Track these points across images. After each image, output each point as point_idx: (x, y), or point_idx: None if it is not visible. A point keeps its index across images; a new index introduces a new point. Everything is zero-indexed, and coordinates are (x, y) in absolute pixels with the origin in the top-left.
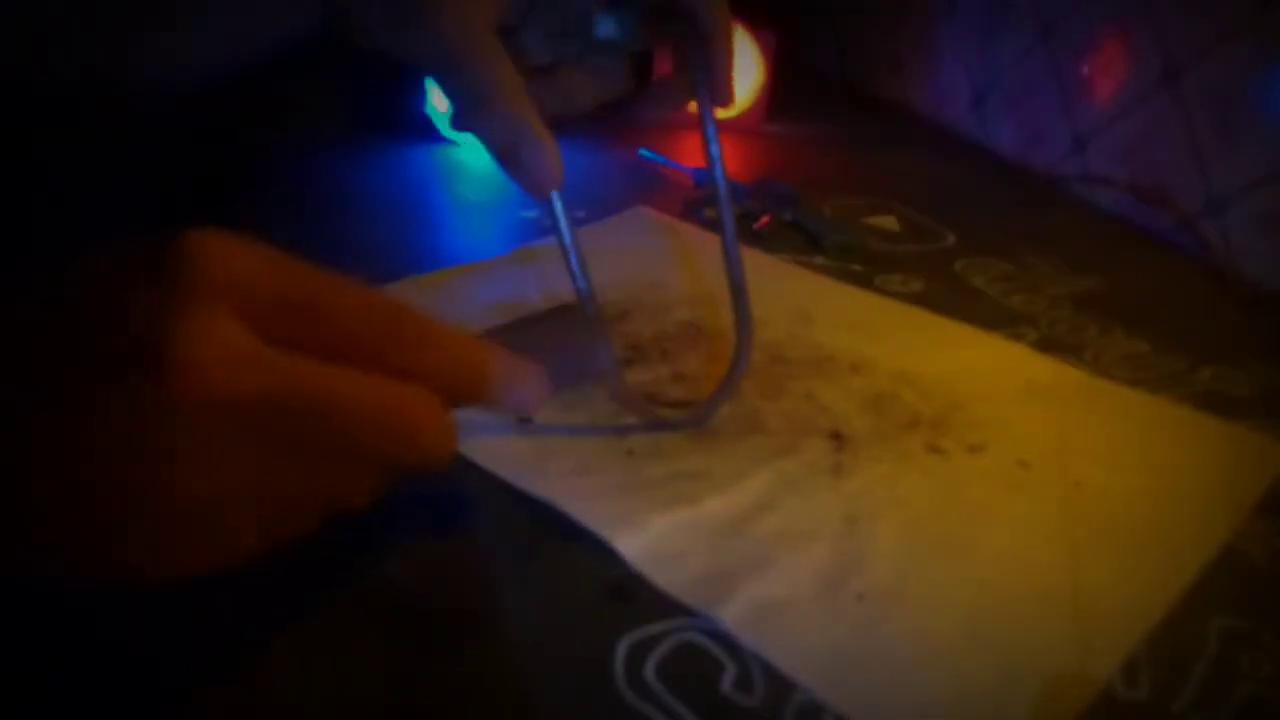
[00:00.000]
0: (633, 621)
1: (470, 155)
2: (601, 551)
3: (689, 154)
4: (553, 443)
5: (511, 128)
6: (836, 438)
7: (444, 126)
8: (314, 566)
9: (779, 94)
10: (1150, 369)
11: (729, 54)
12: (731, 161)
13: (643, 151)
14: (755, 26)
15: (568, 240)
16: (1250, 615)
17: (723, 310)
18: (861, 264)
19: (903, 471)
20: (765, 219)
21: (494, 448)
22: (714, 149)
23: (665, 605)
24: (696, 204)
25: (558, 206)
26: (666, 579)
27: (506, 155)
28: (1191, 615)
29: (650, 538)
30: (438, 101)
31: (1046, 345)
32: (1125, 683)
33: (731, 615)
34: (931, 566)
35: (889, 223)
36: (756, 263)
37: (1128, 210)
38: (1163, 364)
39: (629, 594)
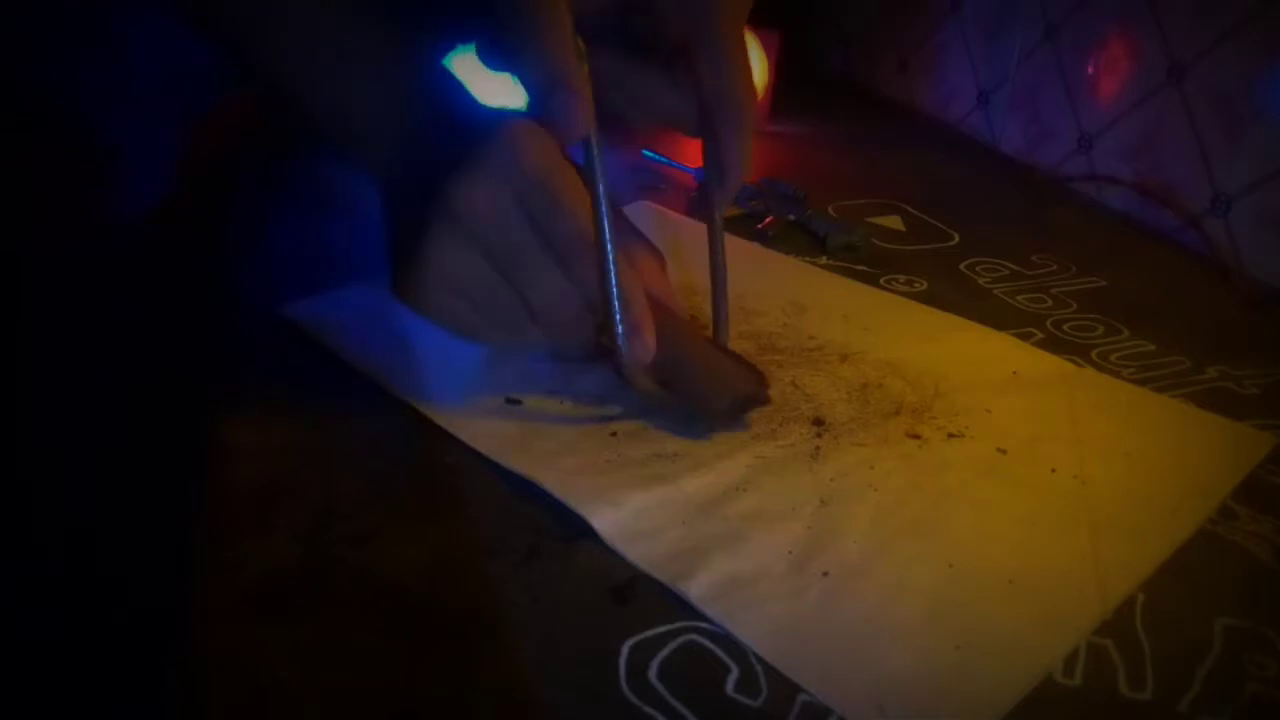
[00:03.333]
0: (636, 624)
1: None
2: (604, 553)
3: (692, 154)
4: (539, 425)
5: (547, 72)
6: (818, 424)
7: None
8: (315, 567)
9: (783, 93)
10: (1156, 368)
11: (745, 135)
12: None
13: (646, 152)
14: (759, 26)
15: (600, 193)
16: (1256, 615)
17: None
18: (866, 264)
19: (880, 457)
20: (769, 219)
21: (481, 427)
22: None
23: (668, 607)
24: (698, 203)
25: (595, 153)
26: (638, 554)
27: (537, 98)
28: (1197, 616)
29: (626, 515)
30: None
31: (1052, 345)
32: (1130, 684)
33: (698, 589)
34: (899, 546)
35: (894, 222)
36: (754, 256)
37: (1133, 209)
38: (1168, 363)
39: (631, 596)
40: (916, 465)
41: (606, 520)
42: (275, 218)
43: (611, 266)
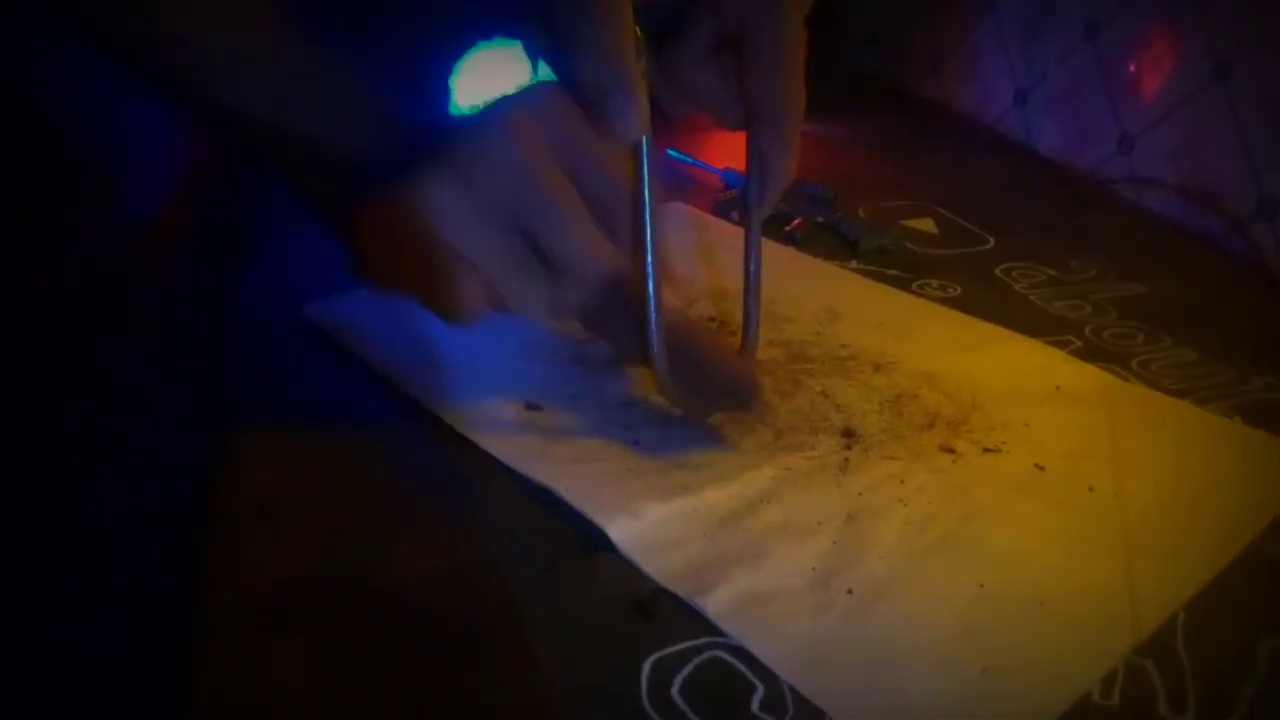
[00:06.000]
0: (658, 639)
1: None
2: (625, 566)
3: (718, 155)
4: (559, 431)
5: (605, 73)
6: (848, 435)
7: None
8: (327, 577)
9: (814, 92)
10: (1199, 378)
11: (791, 145)
12: None
13: (671, 152)
14: None
15: (645, 195)
16: None
17: None
18: (898, 268)
19: (912, 471)
20: (797, 221)
21: (499, 432)
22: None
23: (691, 623)
24: (726, 206)
25: (645, 158)
26: (656, 566)
27: (592, 102)
28: (1240, 635)
29: (645, 526)
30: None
31: (1091, 353)
32: (1170, 706)
33: (716, 604)
34: (928, 564)
35: (927, 225)
36: (787, 260)
37: (1176, 213)
38: (1212, 373)
39: (654, 610)
40: (949, 480)
41: (624, 531)
42: (296, 216)
43: (651, 273)
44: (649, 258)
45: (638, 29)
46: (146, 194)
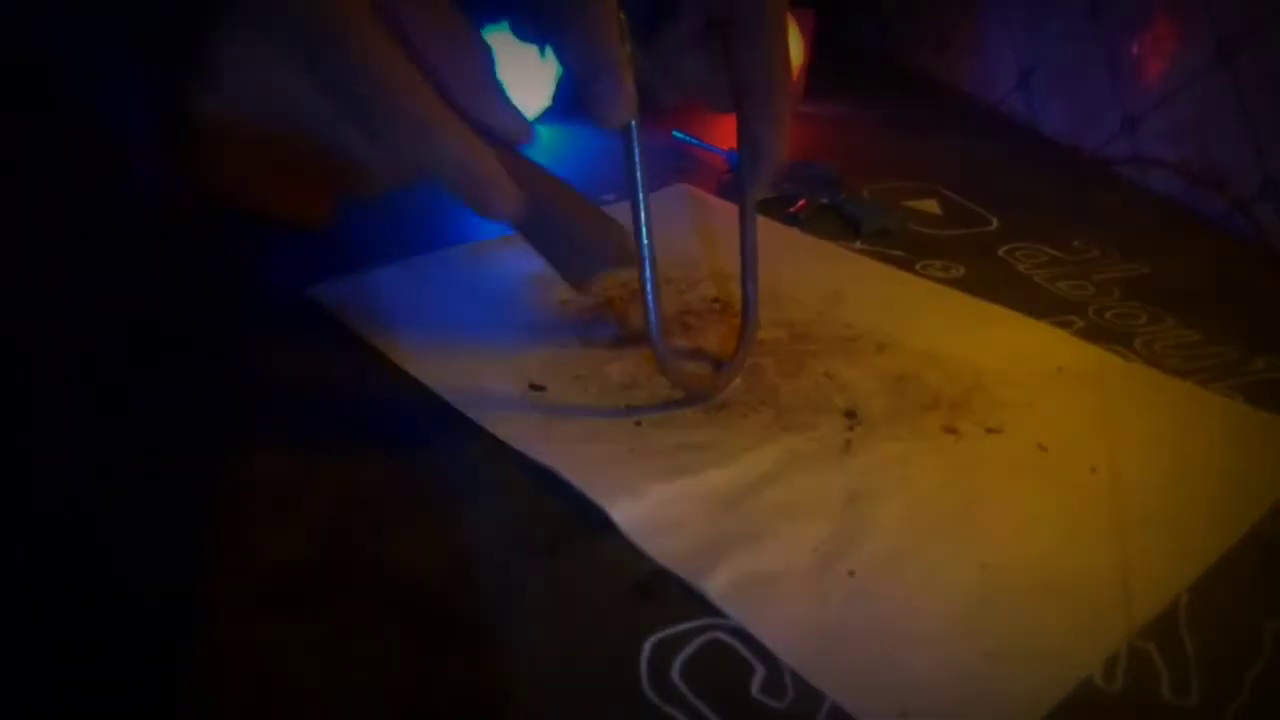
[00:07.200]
0: (658, 620)
1: None
2: (627, 547)
3: (723, 136)
4: (562, 412)
5: (591, 56)
6: (851, 416)
7: None
8: (331, 561)
9: (818, 72)
10: (1202, 358)
11: (780, 122)
12: None
13: (676, 133)
14: (794, 2)
15: (638, 180)
16: None
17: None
18: (902, 249)
19: (914, 451)
20: (801, 202)
21: (503, 413)
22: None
23: (692, 604)
24: (729, 187)
25: (635, 142)
26: (658, 548)
27: (579, 82)
28: (1245, 619)
29: (647, 507)
30: None
31: (1094, 333)
32: (1173, 690)
33: (716, 585)
34: (931, 546)
35: (930, 206)
36: (790, 241)
37: (1180, 193)
38: (1215, 353)
39: (654, 592)
40: (952, 461)
41: (626, 512)
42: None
43: (647, 256)
44: (645, 241)
45: (622, 14)
46: (154, 170)
